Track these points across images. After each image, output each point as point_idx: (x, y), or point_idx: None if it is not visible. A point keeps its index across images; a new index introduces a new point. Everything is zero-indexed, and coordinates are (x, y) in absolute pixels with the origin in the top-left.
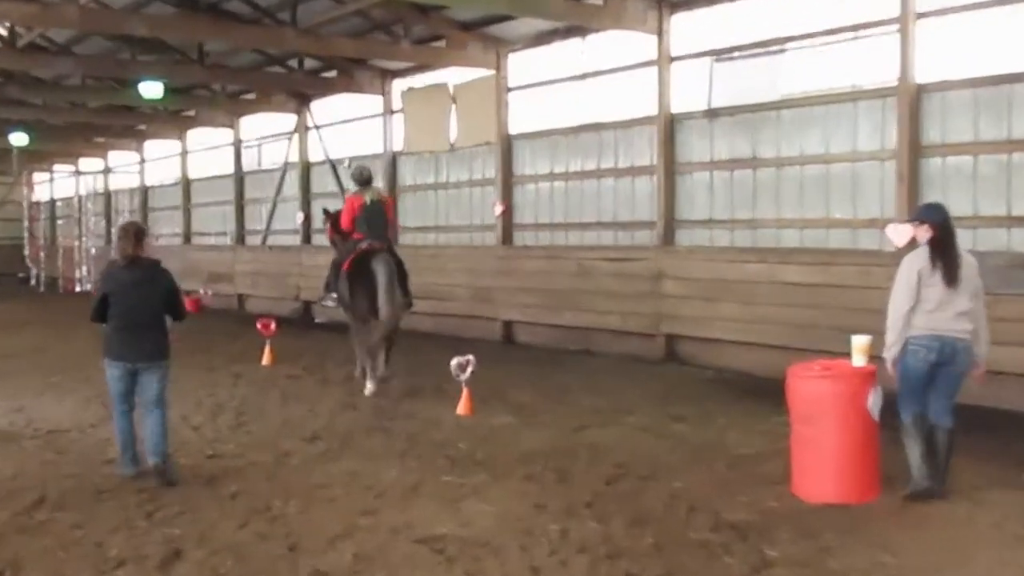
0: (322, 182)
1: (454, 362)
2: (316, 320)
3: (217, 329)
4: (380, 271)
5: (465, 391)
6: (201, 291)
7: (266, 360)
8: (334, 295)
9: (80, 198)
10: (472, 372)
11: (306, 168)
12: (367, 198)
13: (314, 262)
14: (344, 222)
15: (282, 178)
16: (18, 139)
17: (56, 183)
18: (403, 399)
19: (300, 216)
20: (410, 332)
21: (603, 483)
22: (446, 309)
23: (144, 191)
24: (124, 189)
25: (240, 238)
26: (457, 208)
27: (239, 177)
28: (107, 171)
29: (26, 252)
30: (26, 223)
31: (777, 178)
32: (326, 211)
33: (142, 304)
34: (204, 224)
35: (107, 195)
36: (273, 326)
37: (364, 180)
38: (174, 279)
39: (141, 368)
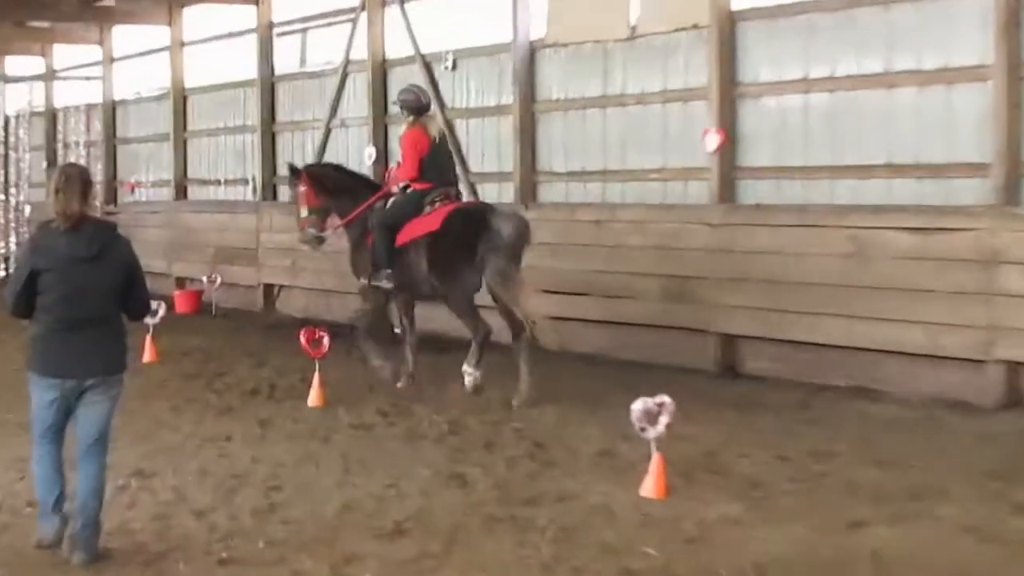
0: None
1: (637, 407)
2: (396, 330)
3: (232, 344)
4: (509, 232)
5: (656, 458)
6: (204, 279)
7: (315, 398)
8: (388, 271)
9: (4, 121)
10: (668, 425)
11: (380, 70)
12: (433, 132)
13: None
14: (407, 167)
15: (340, 87)
16: None
17: None
18: (546, 466)
19: (370, 152)
20: (555, 354)
21: None
22: (620, 314)
23: (111, 109)
24: (78, 106)
25: (271, 190)
26: (638, 139)
27: (268, 84)
28: (50, 76)
29: None
30: None
31: None
32: (292, 168)
33: (89, 290)
34: (209, 165)
35: (50, 115)
36: (326, 340)
37: (421, 107)
38: (135, 254)
39: (86, 388)
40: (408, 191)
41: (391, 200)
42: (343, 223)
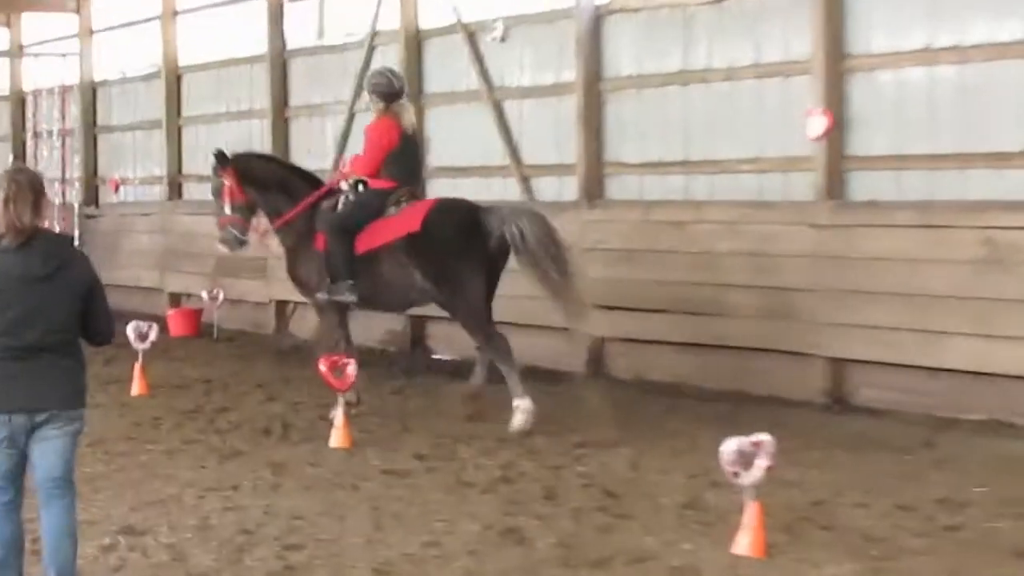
0: (442, 71)
1: (729, 448)
2: (434, 355)
3: (238, 373)
4: (530, 232)
5: (752, 508)
6: (204, 295)
7: (339, 439)
8: (350, 283)
9: None
10: (766, 469)
11: (414, 42)
12: (405, 124)
13: None
14: (367, 162)
15: (366, 62)
16: None
17: None
18: (619, 520)
19: None
20: (629, 383)
21: None
22: (706, 335)
23: (90, 91)
24: (51, 88)
25: None
26: (727, 123)
27: (280, 61)
28: (17, 52)
29: None
30: None
31: None
32: (220, 155)
33: (42, 313)
34: (208, 158)
35: (17, 99)
36: (351, 369)
37: (393, 93)
38: (95, 271)
39: (39, 424)
40: (364, 190)
41: (344, 200)
42: (276, 225)
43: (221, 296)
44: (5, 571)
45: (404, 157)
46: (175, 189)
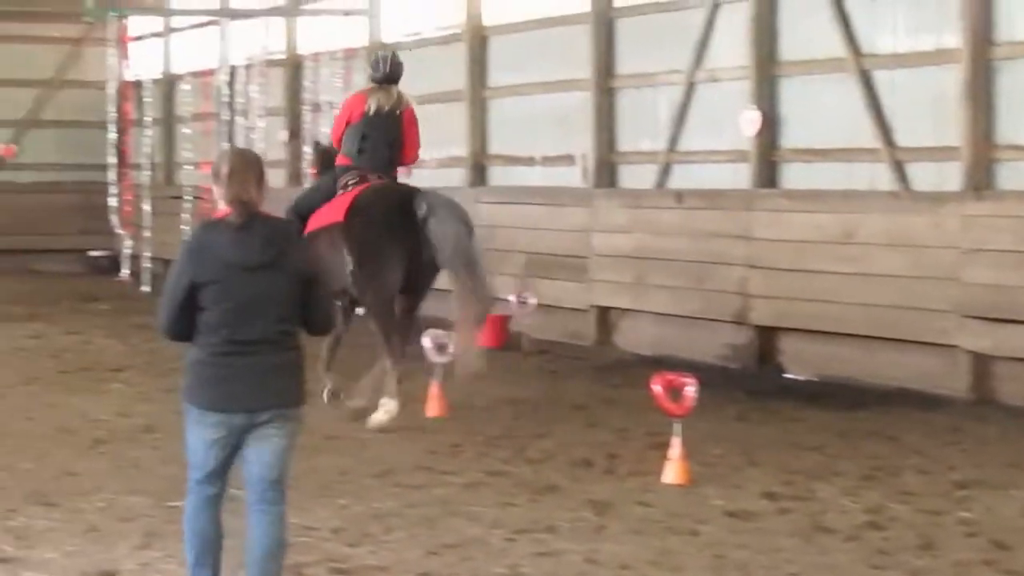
0: (798, 33)
1: None
2: (786, 374)
3: (552, 393)
4: (440, 216)
5: None
6: (512, 299)
7: (672, 474)
8: None
9: (231, 73)
10: None
11: None
12: (372, 102)
13: (780, 230)
14: (333, 133)
15: (708, 22)
16: None
17: (166, 42)
18: (1011, 574)
19: (753, 118)
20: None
21: None
22: (832, 322)
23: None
24: (333, 52)
25: (608, 172)
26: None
27: (605, 19)
28: (295, 10)
29: (111, 201)
30: (112, 133)
31: None
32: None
33: (262, 305)
34: (518, 137)
35: (293, 65)
36: (690, 390)
37: (382, 76)
38: (317, 259)
39: (259, 423)
40: (324, 175)
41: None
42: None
43: (532, 301)
44: (200, 570)
45: (362, 137)
46: (478, 173)
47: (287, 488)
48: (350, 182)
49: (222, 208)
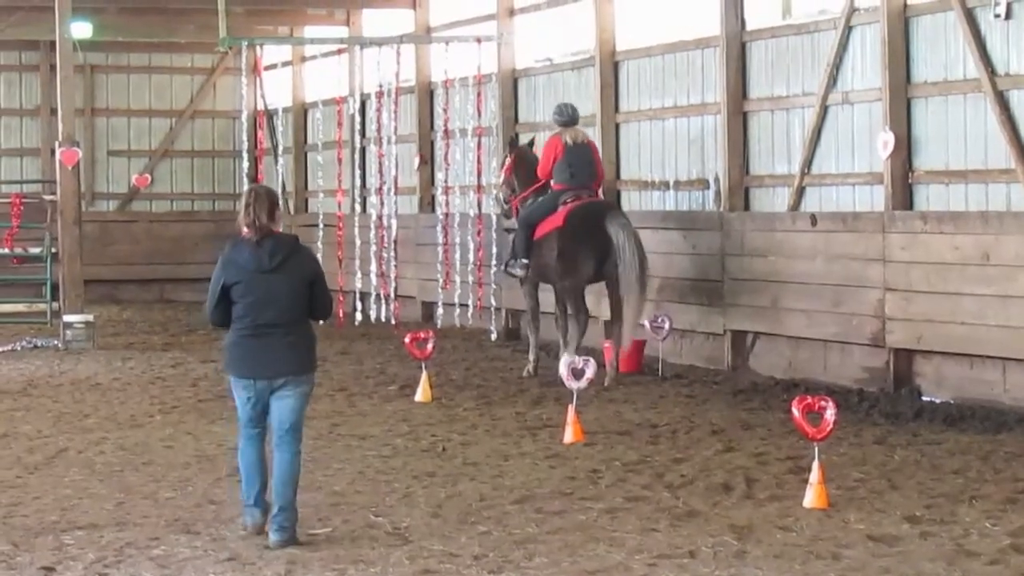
0: (932, 54)
1: None
2: (924, 396)
3: (690, 418)
4: (620, 234)
5: None
6: (647, 324)
7: (813, 498)
8: (524, 261)
9: (362, 102)
10: None
11: (899, 18)
12: (567, 138)
13: (916, 252)
14: (542, 168)
15: (842, 44)
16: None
17: (298, 71)
18: None
19: (887, 139)
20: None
21: None
22: (971, 343)
23: (511, 81)
24: (463, 78)
25: (742, 195)
26: None
27: (737, 43)
28: (425, 37)
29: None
30: (245, 161)
31: None
32: (513, 140)
33: (273, 298)
34: (649, 160)
35: (424, 92)
36: (830, 413)
37: (568, 119)
38: (318, 264)
39: (277, 387)
40: (548, 192)
41: (533, 198)
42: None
43: (667, 325)
44: (251, 487)
45: (568, 165)
46: (611, 198)
47: (301, 433)
48: (568, 199)
49: (244, 231)
